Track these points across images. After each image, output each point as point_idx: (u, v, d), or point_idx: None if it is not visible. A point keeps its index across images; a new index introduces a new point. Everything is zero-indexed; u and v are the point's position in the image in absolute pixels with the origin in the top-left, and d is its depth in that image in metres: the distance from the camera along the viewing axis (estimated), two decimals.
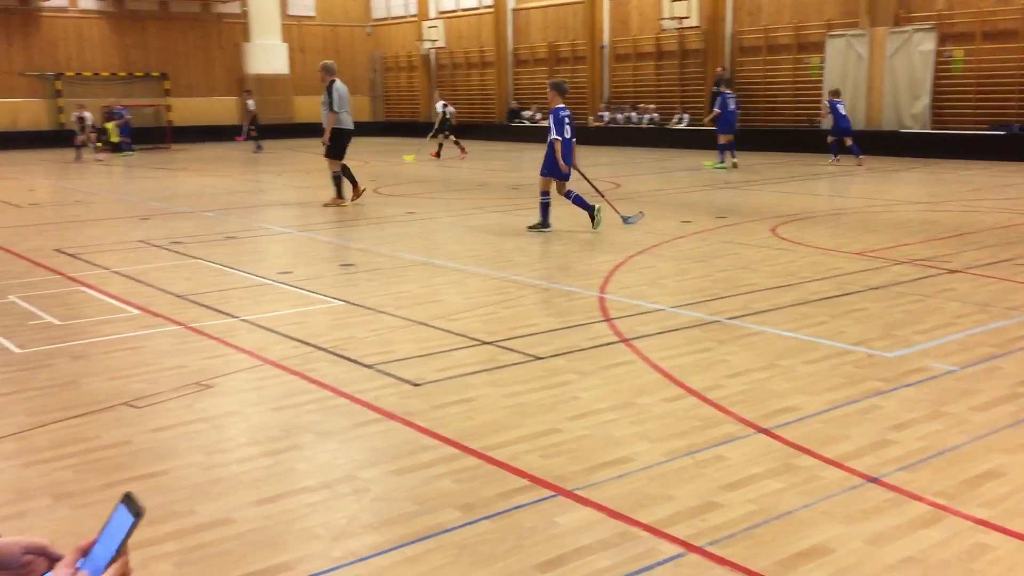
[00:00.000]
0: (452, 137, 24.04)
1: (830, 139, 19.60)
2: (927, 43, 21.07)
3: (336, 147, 13.70)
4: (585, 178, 11.49)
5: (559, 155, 10.80)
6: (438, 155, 23.90)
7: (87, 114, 25.03)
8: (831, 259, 8.86)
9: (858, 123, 22.36)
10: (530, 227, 11.10)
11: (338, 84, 13.56)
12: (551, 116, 10.98)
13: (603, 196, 11.72)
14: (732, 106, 19.44)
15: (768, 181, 16.67)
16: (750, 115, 25.16)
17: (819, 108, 23.10)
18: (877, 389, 4.98)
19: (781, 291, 7.47)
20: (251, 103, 28.34)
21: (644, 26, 27.55)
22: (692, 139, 25.33)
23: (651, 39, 27.37)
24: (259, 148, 27.11)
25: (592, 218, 10.88)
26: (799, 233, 10.48)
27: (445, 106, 24.12)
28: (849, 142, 18.90)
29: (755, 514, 3.52)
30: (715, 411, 4.68)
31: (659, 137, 26.14)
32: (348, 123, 13.68)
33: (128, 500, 1.53)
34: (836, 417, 4.57)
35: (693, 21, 25.42)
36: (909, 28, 21.39)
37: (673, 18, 25.69)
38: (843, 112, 19.22)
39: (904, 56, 21.48)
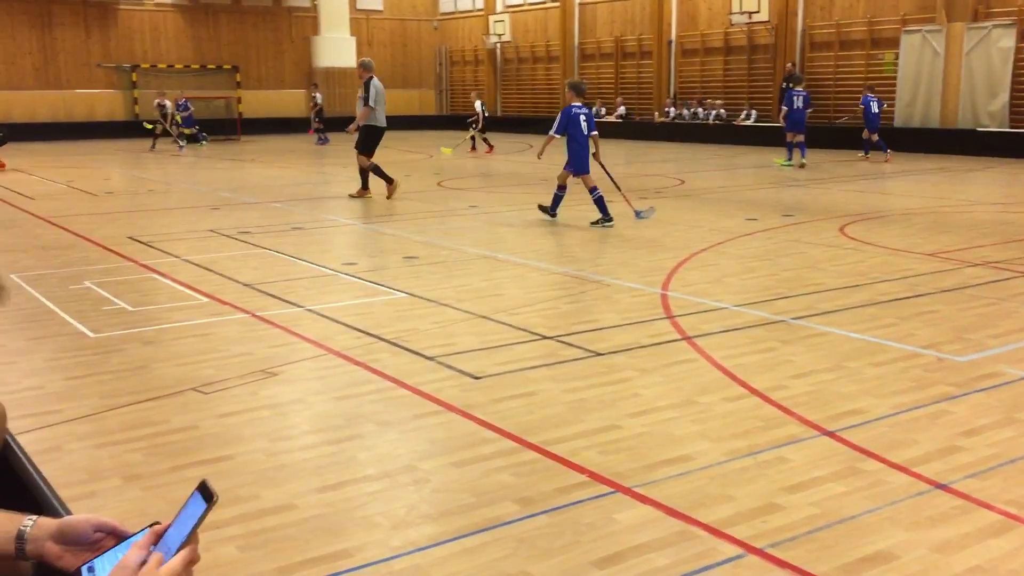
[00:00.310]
0: (484, 135, 24.66)
1: (867, 135, 20.24)
2: (1006, 39, 20.44)
3: (368, 143, 13.84)
4: (606, 171, 11.56)
5: (543, 148, 11.50)
6: (474, 148, 24.52)
7: (167, 102, 25.44)
8: (901, 260, 8.67)
9: (932, 121, 21.83)
10: (593, 223, 11.08)
11: (376, 81, 13.72)
12: (561, 114, 11.31)
13: (620, 190, 11.75)
14: (799, 104, 18.97)
15: (837, 179, 16.35)
16: (820, 112, 24.71)
17: (892, 105, 22.64)
18: (947, 394, 4.86)
19: (849, 292, 7.33)
20: (318, 96, 28.71)
21: (712, 20, 27.23)
22: (759, 136, 24.98)
23: (719, 34, 27.03)
24: (324, 140, 27.45)
25: (601, 221, 10.95)
26: (868, 233, 10.26)
27: (484, 105, 24.87)
28: (876, 138, 19.79)
29: (817, 517, 3.46)
30: (778, 412, 4.61)
31: (726, 134, 25.84)
32: (382, 121, 13.82)
33: (203, 487, 1.57)
34: (904, 421, 4.47)
35: (763, 16, 25.04)
36: (988, 24, 20.77)
37: (743, 12, 25.33)
38: (875, 110, 19.91)
39: (982, 52, 20.87)
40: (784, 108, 19.20)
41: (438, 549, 3.27)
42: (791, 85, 19.61)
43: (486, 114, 24.66)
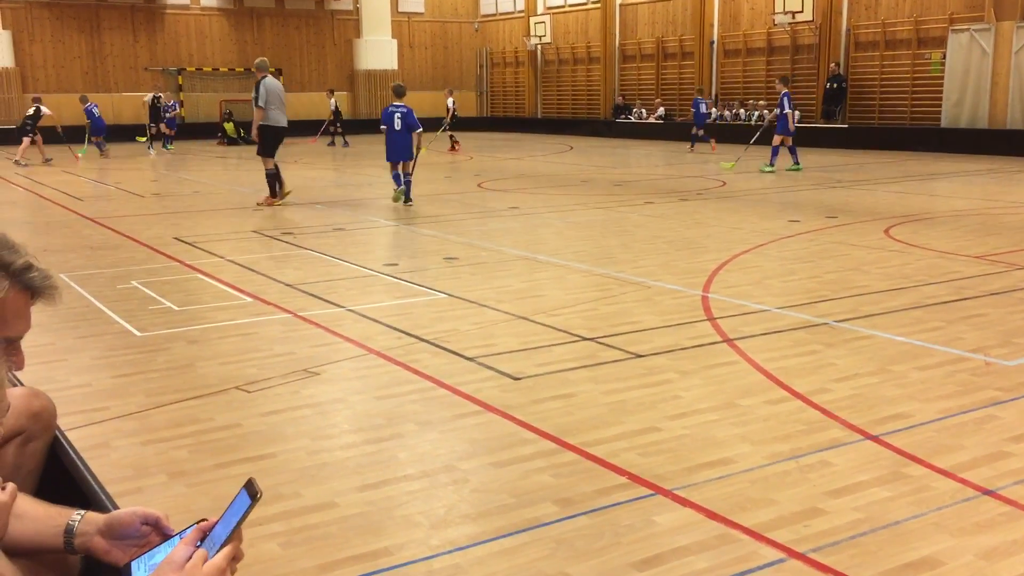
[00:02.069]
0: (449, 132, 25.25)
1: (695, 130, 23.88)
2: None
3: (265, 144, 13.53)
4: (412, 163, 13.58)
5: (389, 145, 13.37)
6: (454, 148, 25.01)
7: (161, 95, 25.32)
8: (948, 262, 8.53)
9: (980, 122, 21.47)
10: (404, 201, 13.09)
11: (267, 81, 13.29)
12: (383, 113, 13.57)
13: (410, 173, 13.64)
14: (788, 107, 18.15)
15: (882, 181, 16.13)
16: (864, 113, 24.41)
17: (939, 105, 22.29)
18: (995, 398, 4.78)
19: (894, 294, 7.23)
20: (332, 102, 28.78)
21: (755, 20, 27.00)
22: (802, 136, 24.68)
23: (762, 34, 26.80)
24: (345, 144, 27.73)
25: (400, 197, 13.21)
26: (914, 235, 10.11)
27: (455, 103, 25.52)
28: (702, 132, 23.88)
29: (861, 522, 3.42)
30: (821, 415, 4.56)
31: (768, 134, 25.55)
32: (279, 121, 13.47)
33: (249, 485, 1.61)
34: (950, 426, 4.40)
35: (806, 15, 24.77)
36: None
37: (786, 12, 25.09)
38: (703, 111, 24.18)
39: None
40: (789, 112, 18.16)
41: (477, 549, 3.28)
42: (786, 87, 18.58)
43: (455, 112, 25.31)
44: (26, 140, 22.01)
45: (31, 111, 22.65)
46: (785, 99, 18.13)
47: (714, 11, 28.05)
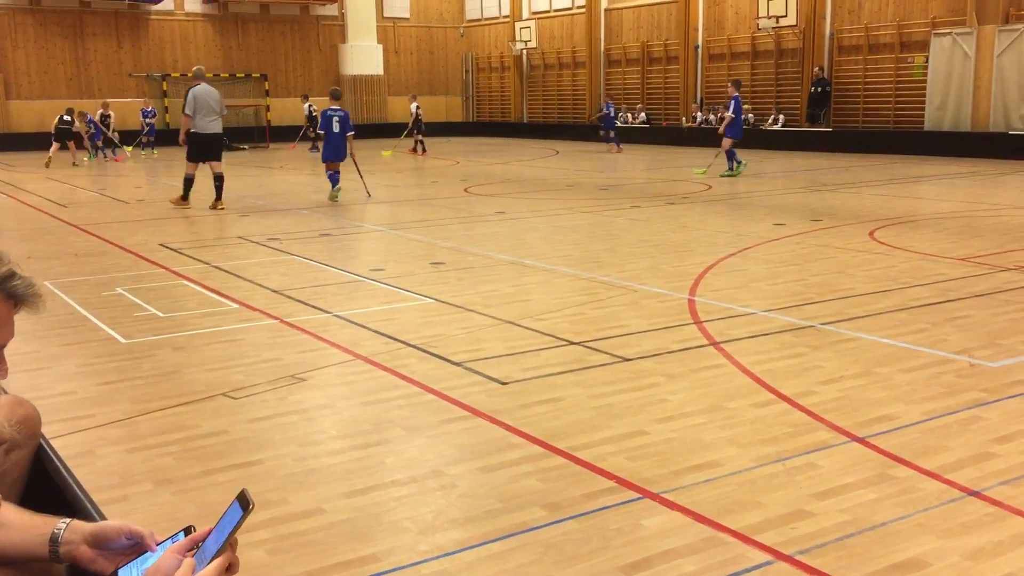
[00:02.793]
0: (420, 136, 25.98)
1: (604, 133, 26.36)
2: None
3: (191, 150, 13.88)
4: (355, 165, 15.17)
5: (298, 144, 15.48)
6: (415, 151, 25.87)
7: (111, 112, 25.69)
8: (933, 264, 8.58)
9: (963, 125, 21.62)
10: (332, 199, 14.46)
11: (196, 89, 13.59)
12: (321, 115, 14.98)
13: (362, 178, 15.60)
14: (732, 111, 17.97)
15: (867, 184, 16.22)
16: (849, 116, 24.56)
17: (922, 109, 22.44)
18: (979, 400, 4.81)
19: (879, 296, 7.27)
20: (307, 107, 28.89)
21: (739, 25, 27.12)
22: (788, 140, 24.86)
23: (746, 38, 26.93)
24: (315, 149, 27.89)
25: (337, 196, 14.57)
26: (899, 237, 10.17)
27: (418, 108, 26.22)
28: (612, 134, 25.99)
29: (848, 524, 3.43)
30: (807, 418, 4.58)
31: (754, 138, 25.64)
32: (205, 128, 13.68)
33: (241, 496, 1.62)
34: (935, 427, 4.42)
35: (790, 20, 24.90)
36: (1019, 26, 20.54)
37: (770, 17, 25.22)
38: (613, 115, 26.58)
39: (1014, 55, 20.64)
40: (732, 116, 17.90)
41: (465, 554, 3.28)
42: (737, 91, 18.33)
43: (419, 117, 25.97)
44: (55, 145, 23.23)
45: (66, 118, 23.94)
46: (734, 102, 18.00)
47: (699, 16, 28.16)
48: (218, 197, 13.89)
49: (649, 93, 30.33)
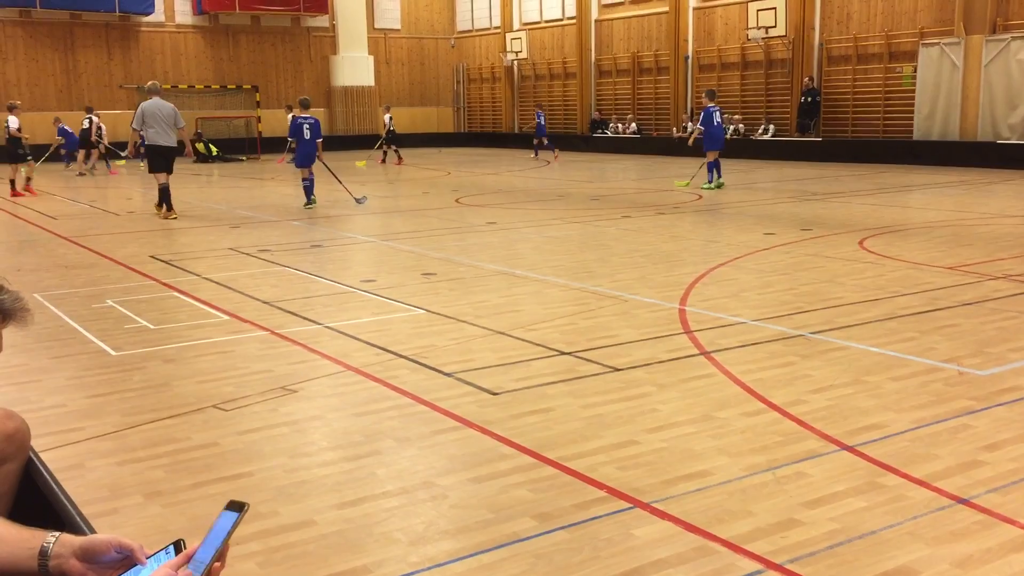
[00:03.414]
0: (393, 147, 26.92)
1: (537, 141, 27.76)
2: None
3: (151, 163, 14.43)
4: (327, 167, 16.20)
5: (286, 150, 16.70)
6: (384, 161, 26.93)
7: (94, 117, 25.21)
8: (921, 273, 8.62)
9: (952, 134, 21.76)
10: (305, 206, 15.22)
11: (146, 104, 14.15)
12: (292, 123, 15.81)
13: (340, 182, 16.50)
14: (718, 120, 17.90)
15: (856, 193, 16.30)
16: (838, 126, 24.68)
17: (911, 118, 22.56)
18: (968, 408, 4.83)
19: (868, 305, 7.30)
20: (292, 118, 28.93)
21: (729, 36, 27.26)
22: (777, 150, 24.96)
23: (736, 49, 27.06)
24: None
25: (306, 204, 15.41)
26: (888, 246, 10.22)
27: (391, 119, 26.98)
28: (545, 141, 27.46)
29: (838, 532, 3.45)
30: (797, 427, 4.60)
31: (744, 148, 25.81)
32: (156, 140, 14.12)
33: (232, 504, 1.63)
34: (924, 436, 4.44)
35: (780, 30, 25.05)
36: (1007, 36, 20.70)
37: (759, 27, 25.36)
38: (542, 122, 27.86)
39: (1001, 65, 20.79)
40: (701, 128, 17.88)
41: (456, 565, 3.28)
42: (708, 102, 18.13)
43: (391, 127, 26.80)
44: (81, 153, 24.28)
45: (85, 124, 24.54)
46: (703, 114, 17.89)
47: (688, 26, 28.29)
48: (166, 206, 14.40)
49: (640, 103, 30.43)
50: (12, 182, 18.44)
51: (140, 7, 30.48)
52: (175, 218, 14.15)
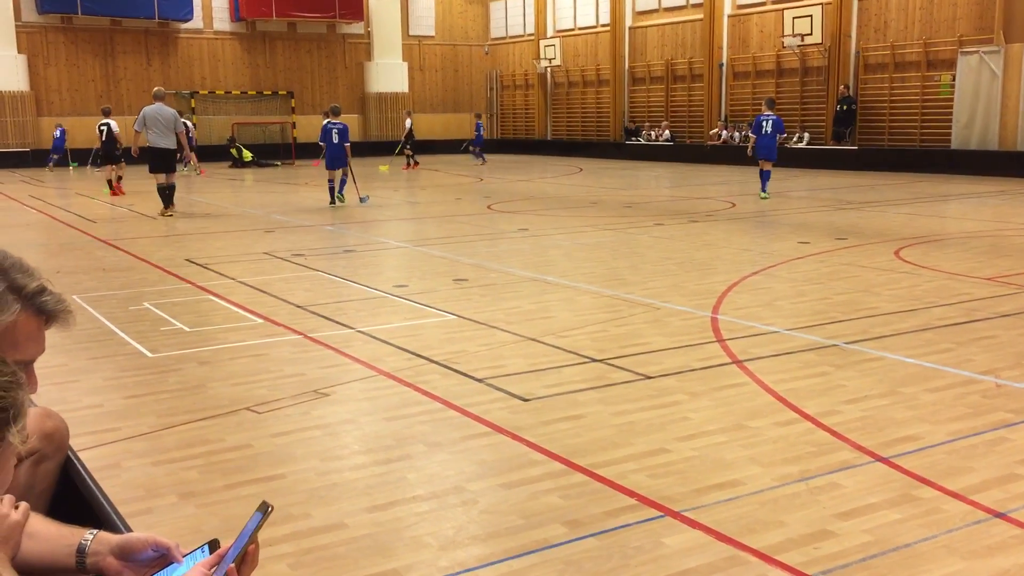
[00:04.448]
0: (408, 151, 27.08)
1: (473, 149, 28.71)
2: None
3: (151, 164, 15.22)
4: (351, 170, 17.09)
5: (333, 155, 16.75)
6: (409, 166, 26.91)
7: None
8: (959, 284, 8.51)
9: (991, 143, 21.47)
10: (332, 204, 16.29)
11: (147, 108, 14.97)
12: (322, 129, 16.92)
13: (356, 183, 17.18)
14: (768, 129, 17.17)
15: (893, 202, 16.13)
16: (875, 134, 24.44)
17: (949, 127, 22.28)
18: (1006, 420, 4.76)
19: (904, 316, 7.22)
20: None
21: (764, 43, 27.10)
22: (812, 158, 24.74)
23: (771, 56, 26.89)
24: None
25: (333, 200, 16.70)
26: (925, 256, 10.10)
27: (411, 124, 27.45)
28: (478, 149, 28.80)
29: (871, 545, 3.41)
30: (830, 437, 4.55)
31: (779, 156, 25.57)
32: (156, 143, 14.97)
33: (261, 506, 1.66)
34: (960, 448, 4.38)
35: (815, 38, 24.86)
36: None
37: (795, 35, 25.18)
38: (481, 132, 28.93)
39: None
40: (752, 136, 17.64)
41: (486, 570, 3.28)
42: (763, 110, 17.81)
43: (411, 132, 27.29)
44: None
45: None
46: (754, 121, 17.73)
47: (723, 34, 28.16)
48: (166, 205, 15.26)
49: (673, 111, 30.33)
50: (109, 181, 19.71)
51: (179, 14, 30.88)
52: (171, 215, 15.03)
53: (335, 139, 16.56)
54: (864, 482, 3.99)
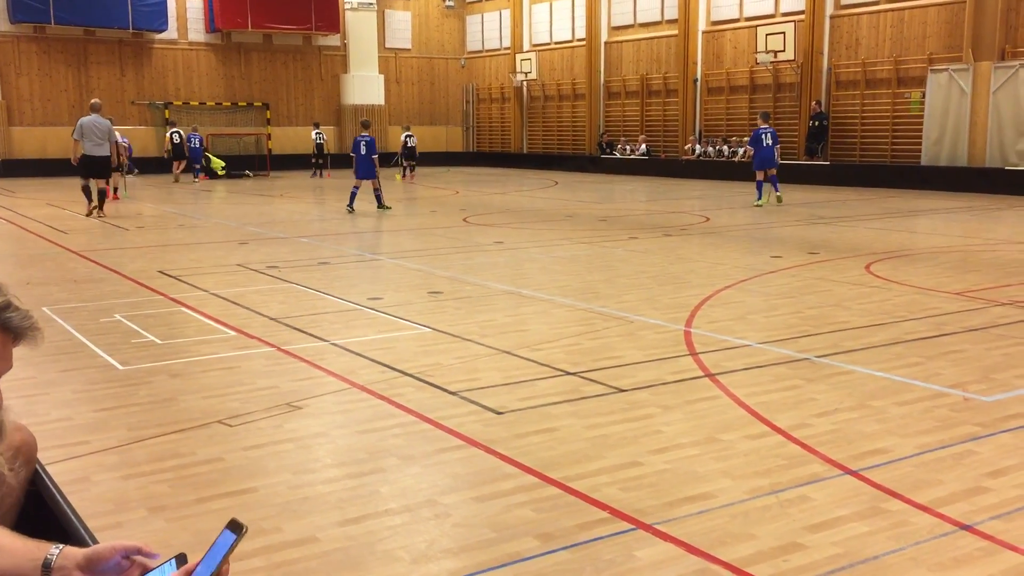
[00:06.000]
0: (410, 162, 28.12)
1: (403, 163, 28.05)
2: None
3: (80, 168, 16.63)
4: (377, 179, 17.98)
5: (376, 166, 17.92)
6: (404, 177, 27.82)
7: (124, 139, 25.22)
8: (928, 298, 8.62)
9: (959, 160, 21.78)
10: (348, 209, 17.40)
11: (84, 119, 16.41)
12: (354, 141, 18.17)
13: (356, 187, 17.95)
14: (769, 141, 18.40)
15: (864, 217, 16.31)
16: (846, 150, 24.72)
17: (919, 144, 22.58)
18: (973, 434, 4.82)
19: (874, 330, 7.30)
20: (315, 135, 30.51)
21: (738, 59, 27.37)
22: (785, 173, 24.88)
23: (745, 72, 27.16)
24: (317, 175, 29.84)
25: (351, 206, 17.76)
26: (894, 271, 10.22)
27: (410, 136, 28.53)
28: (406, 163, 28.05)
29: (840, 557, 3.44)
30: (801, 450, 4.59)
31: (752, 171, 25.81)
32: (92, 152, 16.33)
33: (232, 522, 1.65)
34: (929, 461, 4.43)
35: (788, 55, 25.14)
36: (1015, 63, 20.74)
37: (768, 51, 25.45)
38: (411, 145, 28.19)
39: (1010, 91, 20.82)
40: (751, 148, 19.14)
41: None
42: (759, 123, 18.98)
43: (408, 144, 28.26)
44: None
45: (176, 139, 27.38)
46: (753, 134, 18.95)
47: (697, 50, 28.41)
48: (99, 206, 16.68)
49: (648, 126, 30.54)
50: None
51: (153, 24, 30.73)
52: (101, 217, 16.33)
53: (363, 151, 17.72)
54: (834, 495, 4.02)
